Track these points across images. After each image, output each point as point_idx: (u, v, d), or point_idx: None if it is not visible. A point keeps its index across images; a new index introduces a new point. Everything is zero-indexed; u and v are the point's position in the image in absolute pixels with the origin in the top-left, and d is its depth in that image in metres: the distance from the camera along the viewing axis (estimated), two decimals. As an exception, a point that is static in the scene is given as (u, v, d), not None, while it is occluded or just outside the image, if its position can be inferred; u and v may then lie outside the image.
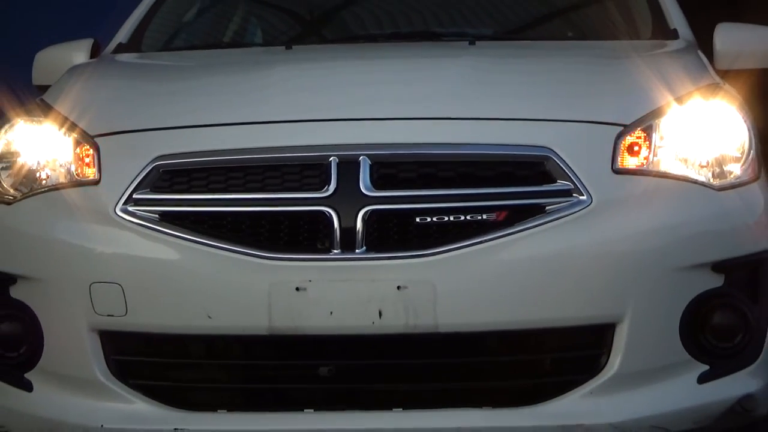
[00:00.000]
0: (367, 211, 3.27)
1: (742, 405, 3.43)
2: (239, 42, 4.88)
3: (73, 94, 3.80)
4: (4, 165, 3.64)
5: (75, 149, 3.56)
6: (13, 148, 3.65)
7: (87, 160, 3.53)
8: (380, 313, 3.25)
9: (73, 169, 3.55)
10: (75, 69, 4.16)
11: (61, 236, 3.46)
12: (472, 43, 4.26)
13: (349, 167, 3.31)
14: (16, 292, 3.50)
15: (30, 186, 3.59)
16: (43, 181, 3.58)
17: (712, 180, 3.49)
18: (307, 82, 3.88)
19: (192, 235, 3.33)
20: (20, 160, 3.62)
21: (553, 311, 3.30)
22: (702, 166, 3.49)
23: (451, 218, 3.30)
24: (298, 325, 3.27)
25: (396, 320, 3.25)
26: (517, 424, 3.31)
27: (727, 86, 3.83)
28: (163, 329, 3.37)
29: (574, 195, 3.33)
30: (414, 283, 3.25)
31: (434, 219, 3.30)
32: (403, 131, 3.45)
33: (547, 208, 3.32)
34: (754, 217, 3.50)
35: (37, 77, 4.46)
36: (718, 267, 3.40)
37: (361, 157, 3.32)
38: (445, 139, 3.43)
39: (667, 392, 3.36)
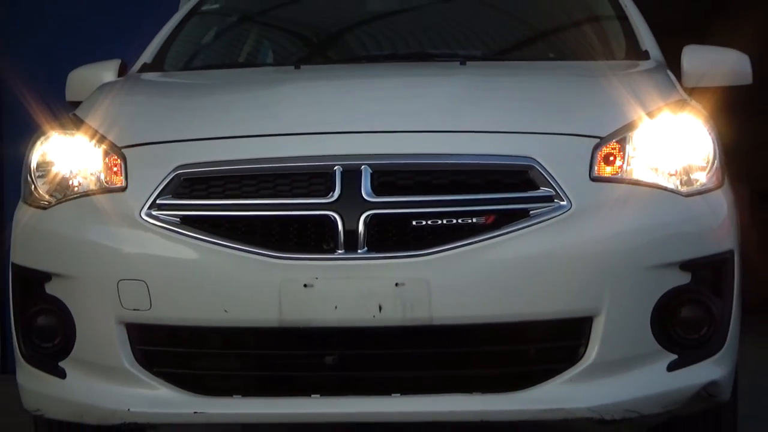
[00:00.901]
0: (368, 215, 3.28)
1: (707, 391, 3.43)
2: (252, 62, 4.88)
3: (103, 109, 3.80)
4: (41, 173, 3.64)
5: (104, 159, 3.56)
6: (48, 158, 3.65)
7: (115, 169, 3.53)
8: (380, 308, 3.25)
9: (102, 177, 3.54)
10: (104, 86, 4.16)
11: (91, 238, 3.47)
12: (462, 63, 4.26)
13: (351, 175, 3.31)
14: (51, 288, 3.50)
15: (63, 192, 3.58)
16: (75, 188, 3.58)
17: (680, 187, 3.49)
18: (314, 98, 3.88)
19: (210, 237, 3.33)
20: (54, 169, 3.62)
21: (537, 306, 3.30)
22: (671, 175, 3.49)
23: (444, 221, 3.30)
24: (306, 318, 3.28)
25: (394, 314, 3.25)
26: (504, 408, 3.31)
27: (693, 102, 3.83)
28: (184, 322, 3.37)
29: (555, 200, 3.33)
30: (410, 281, 3.25)
31: (429, 222, 3.30)
32: (400, 143, 3.45)
33: (530, 212, 3.32)
34: (718, 221, 3.50)
35: (70, 94, 4.45)
36: (685, 266, 3.40)
37: (362, 166, 3.32)
38: (439, 150, 3.44)
39: (640, 379, 3.36)
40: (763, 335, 6.88)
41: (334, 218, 3.28)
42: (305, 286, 3.26)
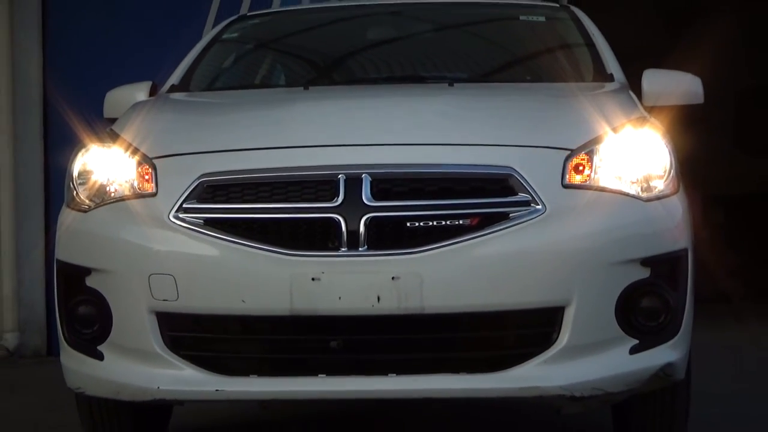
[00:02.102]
0: (368, 218, 3.28)
1: (665, 371, 3.43)
2: (267, 84, 4.87)
3: (136, 125, 3.79)
4: (81, 181, 3.64)
5: (137, 169, 3.55)
6: (88, 168, 3.65)
7: (146, 177, 3.53)
8: (378, 298, 3.25)
9: (135, 184, 3.54)
10: (137, 105, 4.16)
11: (126, 237, 3.46)
12: (450, 84, 4.27)
13: (353, 183, 3.31)
14: (90, 281, 3.50)
15: (101, 198, 3.58)
16: (112, 194, 3.57)
17: (641, 193, 3.49)
18: (321, 115, 3.87)
19: (229, 237, 3.33)
20: (94, 178, 3.62)
21: (515, 296, 3.30)
22: (633, 182, 3.49)
23: (434, 223, 3.30)
24: (314, 307, 3.28)
25: (391, 303, 3.25)
26: (486, 386, 3.32)
27: (652, 119, 3.83)
28: (207, 311, 3.37)
29: (531, 205, 3.33)
30: (405, 274, 3.25)
31: (421, 224, 3.30)
32: (396, 154, 3.45)
33: (510, 215, 3.32)
34: (674, 223, 3.50)
35: (107, 111, 4.46)
36: (645, 262, 3.39)
37: (363, 175, 3.32)
38: (430, 161, 3.44)
39: (605, 361, 3.36)
40: (713, 322, 6.88)
41: (339, 220, 3.28)
42: (313, 279, 3.26)
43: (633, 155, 3.53)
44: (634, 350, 3.39)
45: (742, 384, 5.52)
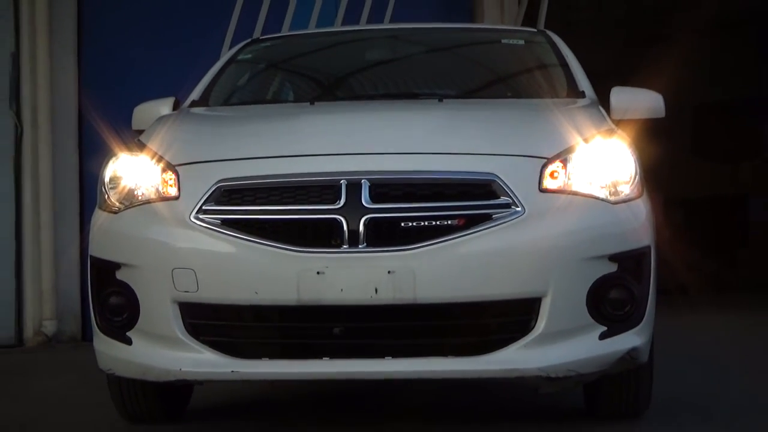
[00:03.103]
0: (367, 218, 3.28)
1: (630, 355, 3.43)
2: (277, 99, 4.87)
3: (161, 136, 3.79)
4: (112, 186, 3.64)
5: (162, 175, 3.55)
6: (118, 174, 3.64)
7: (170, 182, 3.52)
8: (376, 290, 3.25)
9: (160, 188, 3.54)
10: (162, 118, 4.16)
11: (151, 236, 3.46)
12: (440, 100, 4.27)
13: (354, 187, 3.31)
14: (120, 274, 3.50)
15: (130, 201, 3.58)
16: (139, 197, 3.57)
17: (609, 197, 3.49)
18: (325, 127, 3.88)
19: (244, 235, 3.33)
20: (123, 183, 3.62)
21: (497, 288, 3.30)
22: (602, 187, 3.49)
23: (426, 223, 3.30)
24: (319, 298, 3.28)
25: (387, 295, 3.25)
26: (472, 368, 3.32)
27: (619, 131, 3.83)
28: (224, 301, 3.37)
29: (512, 207, 3.33)
30: (400, 269, 3.25)
31: (414, 224, 3.30)
32: (392, 162, 3.45)
33: (493, 216, 3.32)
34: (638, 223, 3.50)
35: (135, 124, 4.45)
36: (613, 258, 3.40)
37: (362, 180, 3.32)
38: (421, 168, 3.43)
39: (578, 346, 3.36)
40: (673, 311, 6.89)
41: (340, 220, 3.28)
42: (318, 273, 3.26)
43: (602, 163, 3.53)
44: (603, 336, 3.39)
45: (697, 364, 5.52)
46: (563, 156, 3.49)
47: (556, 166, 3.47)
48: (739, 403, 4.38)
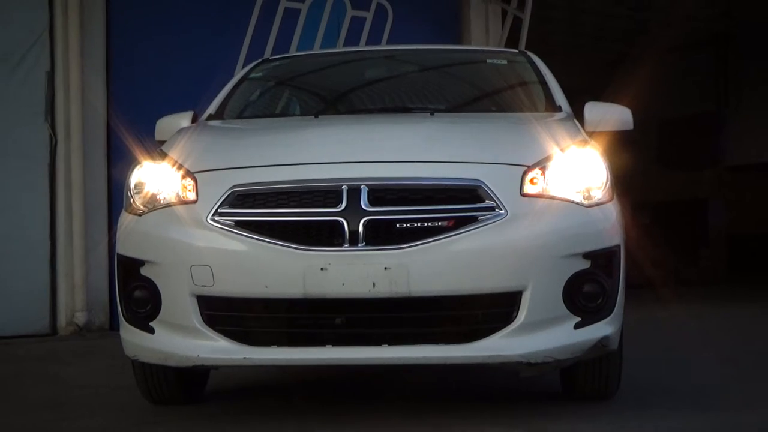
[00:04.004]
0: (366, 220, 3.27)
1: (602, 342, 3.44)
2: (285, 113, 4.87)
3: (181, 146, 3.79)
4: (137, 191, 3.63)
5: (181, 181, 3.54)
6: (142, 180, 3.64)
7: (189, 187, 3.52)
8: (374, 284, 3.24)
9: (180, 193, 3.53)
10: (182, 130, 4.15)
11: (172, 236, 3.45)
12: (431, 114, 4.26)
13: (354, 192, 3.31)
14: (144, 271, 3.49)
15: (153, 204, 3.57)
16: (161, 201, 3.56)
17: (583, 201, 3.49)
18: (328, 138, 3.87)
19: (255, 235, 3.32)
20: (147, 188, 3.61)
21: (483, 282, 3.30)
22: (577, 192, 3.49)
23: (419, 224, 3.30)
24: (322, 291, 3.27)
25: (384, 288, 3.24)
26: (460, 355, 3.31)
27: (592, 141, 3.83)
28: (237, 294, 3.36)
29: (496, 210, 3.33)
30: (395, 265, 3.24)
31: (408, 225, 3.30)
32: (388, 169, 3.44)
33: (479, 218, 3.32)
34: (609, 224, 3.50)
35: (158, 135, 4.44)
36: (586, 255, 3.40)
37: (361, 186, 3.32)
38: (415, 175, 3.43)
39: (555, 335, 3.36)
40: (641, 304, 6.88)
41: (342, 222, 3.28)
42: (322, 269, 3.26)
43: (577, 170, 3.53)
44: (577, 326, 3.39)
45: (662, 351, 5.53)
46: (542, 164, 3.49)
47: (535, 173, 3.46)
48: (699, 384, 4.39)
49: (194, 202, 3.47)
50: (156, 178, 3.61)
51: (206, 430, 3.49)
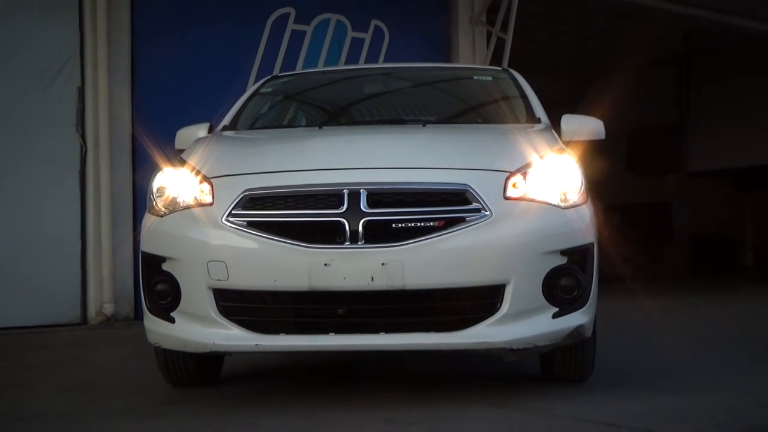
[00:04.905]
0: (365, 221, 3.27)
1: (578, 331, 3.43)
2: (292, 124, 4.86)
3: (198, 154, 3.77)
4: (159, 194, 3.62)
5: (199, 185, 3.53)
6: (163, 185, 3.62)
7: (206, 191, 3.50)
8: (372, 278, 3.23)
9: (197, 197, 3.51)
10: (199, 139, 4.14)
11: (190, 235, 3.44)
12: (424, 125, 4.25)
13: (354, 195, 3.30)
14: (165, 266, 3.48)
15: (173, 206, 3.56)
16: (180, 204, 3.55)
17: (560, 203, 3.48)
18: (330, 147, 3.86)
19: (265, 234, 3.31)
20: (167, 192, 3.60)
21: (470, 276, 3.29)
22: (554, 195, 3.48)
23: (412, 224, 3.28)
24: (326, 284, 3.26)
25: (381, 282, 3.23)
26: (449, 341, 3.30)
27: (569, 150, 3.82)
28: (249, 287, 3.35)
29: (482, 212, 3.32)
30: (391, 261, 3.23)
31: (402, 225, 3.29)
32: (385, 175, 3.43)
33: (466, 219, 3.31)
34: (583, 224, 3.49)
35: (178, 144, 4.44)
36: (563, 252, 3.39)
37: (361, 190, 3.31)
38: (409, 180, 3.41)
39: (535, 323, 3.35)
40: (612, 295, 6.89)
41: (343, 222, 3.27)
42: (325, 264, 3.25)
43: (555, 176, 3.52)
44: (555, 315, 3.38)
45: (631, 338, 5.53)
46: (523, 170, 3.48)
47: (517, 178, 3.46)
48: (664, 367, 4.39)
49: (210, 204, 3.46)
50: (176, 183, 3.60)
51: (221, 409, 3.48)
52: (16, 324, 6.78)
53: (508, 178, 3.44)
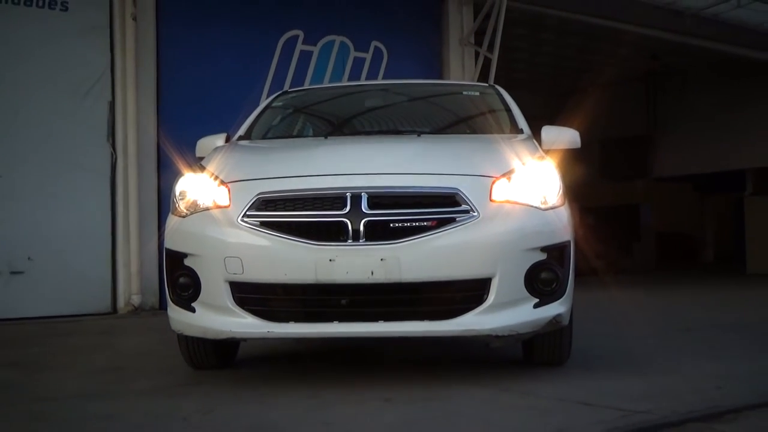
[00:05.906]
0: (366, 221, 3.26)
1: (556, 319, 3.43)
2: (300, 135, 4.86)
3: (217, 161, 3.77)
4: (181, 197, 3.61)
5: (217, 189, 3.52)
6: (185, 189, 3.62)
7: (223, 194, 3.50)
8: (372, 272, 3.23)
9: (216, 199, 3.51)
10: (218, 148, 4.14)
11: (210, 234, 3.43)
12: (419, 135, 4.25)
13: (356, 198, 3.29)
14: (187, 262, 3.47)
15: (194, 208, 3.55)
16: (200, 206, 3.54)
17: (540, 205, 3.48)
18: (335, 155, 3.85)
19: (276, 233, 3.31)
20: (189, 195, 3.59)
21: (459, 270, 3.28)
22: (536, 198, 3.48)
23: (408, 224, 3.28)
24: (331, 278, 3.25)
25: (380, 276, 3.23)
26: (441, 329, 3.30)
27: (548, 157, 3.82)
28: (262, 280, 3.34)
29: (470, 213, 3.32)
30: (389, 257, 3.23)
31: (399, 224, 3.28)
32: (383, 180, 3.42)
33: (456, 219, 3.30)
34: (561, 224, 3.49)
35: (198, 152, 4.43)
36: (543, 249, 3.39)
37: (362, 193, 3.30)
38: (405, 184, 3.41)
39: (518, 313, 3.34)
40: (587, 288, 6.89)
41: (346, 222, 3.26)
42: (330, 260, 3.24)
43: (535, 180, 3.52)
44: (536, 306, 3.38)
45: (604, 326, 5.52)
46: (507, 175, 3.48)
47: (502, 182, 3.45)
48: (634, 352, 4.38)
49: (227, 206, 3.45)
50: (196, 187, 3.59)
51: (236, 389, 3.48)
52: (52, 314, 6.79)
53: (493, 183, 3.43)
